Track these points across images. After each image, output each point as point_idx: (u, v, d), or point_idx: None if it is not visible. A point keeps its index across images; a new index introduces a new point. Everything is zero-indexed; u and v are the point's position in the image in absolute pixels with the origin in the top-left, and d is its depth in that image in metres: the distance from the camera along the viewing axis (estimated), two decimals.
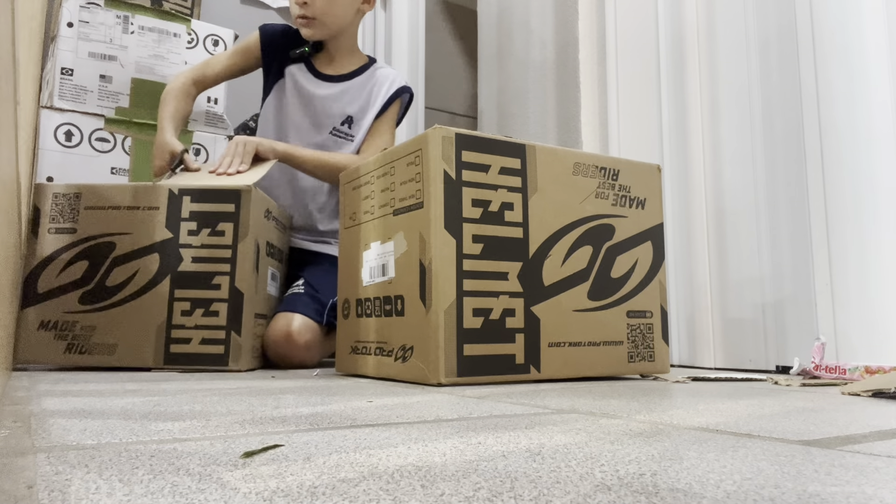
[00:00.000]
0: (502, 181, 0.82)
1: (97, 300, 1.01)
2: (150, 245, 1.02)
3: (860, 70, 1.03)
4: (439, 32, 2.50)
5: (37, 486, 0.27)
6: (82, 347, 0.99)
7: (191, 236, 1.02)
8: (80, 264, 1.01)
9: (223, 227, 1.02)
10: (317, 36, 1.29)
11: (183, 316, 1.01)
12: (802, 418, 0.49)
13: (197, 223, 1.02)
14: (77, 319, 1.00)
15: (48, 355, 0.99)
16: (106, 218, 1.03)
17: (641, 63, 1.44)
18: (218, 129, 1.47)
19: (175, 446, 0.36)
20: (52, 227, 1.02)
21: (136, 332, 1.00)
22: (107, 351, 1.00)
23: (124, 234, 1.02)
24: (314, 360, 1.12)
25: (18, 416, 0.48)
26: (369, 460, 0.32)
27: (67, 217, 1.02)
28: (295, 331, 1.07)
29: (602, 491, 0.27)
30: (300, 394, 0.65)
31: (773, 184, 1.14)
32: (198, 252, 1.02)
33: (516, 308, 0.81)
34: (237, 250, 1.02)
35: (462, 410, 0.53)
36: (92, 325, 1.00)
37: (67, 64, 1.31)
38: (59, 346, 0.99)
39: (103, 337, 1.00)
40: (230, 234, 1.02)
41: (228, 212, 1.03)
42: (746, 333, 1.18)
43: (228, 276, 1.01)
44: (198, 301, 1.01)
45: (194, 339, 1.00)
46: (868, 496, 0.26)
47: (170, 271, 1.01)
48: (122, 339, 1.00)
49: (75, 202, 1.03)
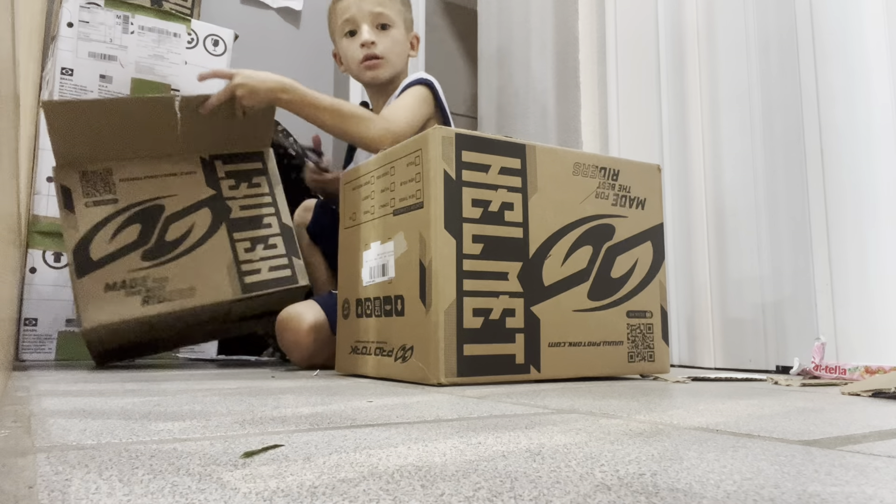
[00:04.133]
0: (502, 181, 0.82)
1: (162, 254, 1.08)
2: (198, 202, 1.13)
3: (860, 70, 1.03)
4: (439, 32, 2.50)
5: (37, 486, 0.27)
6: (160, 297, 1.06)
7: (232, 190, 1.16)
8: (133, 228, 1.08)
9: (258, 180, 1.19)
10: (383, 76, 1.26)
11: (247, 252, 1.14)
12: (802, 418, 0.49)
13: (234, 180, 1.17)
14: (146, 275, 1.06)
15: (125, 311, 1.03)
16: (145, 186, 1.11)
17: (641, 63, 1.44)
18: None
19: (175, 446, 0.36)
20: (89, 200, 1.07)
21: (210, 273, 1.10)
22: (187, 295, 1.08)
23: (170, 196, 1.12)
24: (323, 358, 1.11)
25: (18, 416, 0.48)
26: (369, 460, 0.32)
27: (102, 190, 1.08)
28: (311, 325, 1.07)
29: (602, 491, 0.27)
30: (300, 394, 0.65)
31: (773, 184, 1.14)
32: (243, 202, 1.16)
33: (516, 308, 0.81)
34: (275, 195, 1.19)
35: (462, 410, 0.53)
36: (164, 277, 1.07)
37: (67, 64, 1.31)
38: (134, 301, 1.04)
39: (178, 283, 1.08)
40: (265, 184, 1.19)
41: (258, 168, 1.19)
42: (746, 333, 1.18)
43: (275, 217, 1.18)
44: (256, 239, 1.15)
45: (263, 269, 1.14)
46: (868, 496, 0.26)
47: (223, 219, 1.14)
48: (198, 281, 1.09)
49: (107, 176, 1.09)
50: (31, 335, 1.26)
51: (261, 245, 1.14)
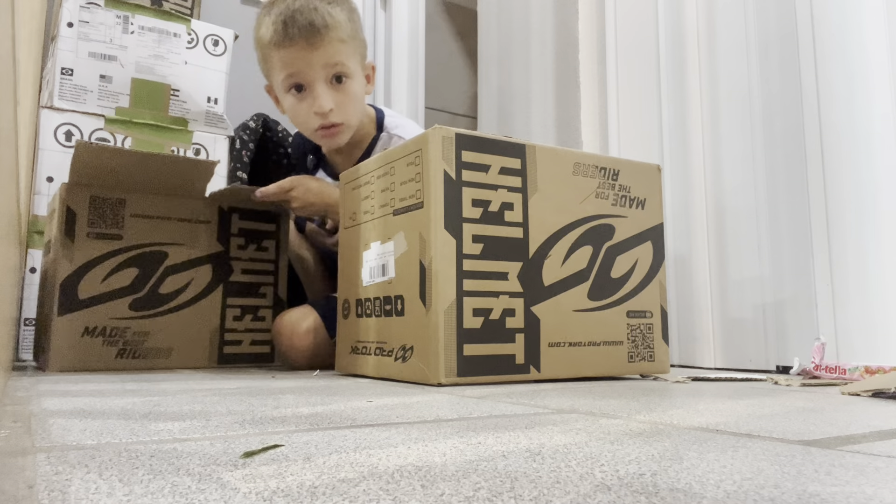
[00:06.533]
0: (502, 181, 0.82)
1: (150, 307, 1.04)
2: (204, 256, 1.09)
3: (860, 70, 1.03)
4: (439, 32, 2.50)
5: (37, 486, 0.27)
6: (135, 352, 1.02)
7: (240, 250, 1.12)
8: (129, 271, 1.02)
9: (267, 244, 1.15)
10: (342, 142, 1.12)
11: (234, 321, 1.11)
12: (802, 418, 0.49)
13: (245, 239, 1.13)
14: (128, 325, 1.01)
15: (98, 361, 0.99)
16: (155, 227, 1.05)
17: (641, 63, 1.44)
18: (218, 129, 1.47)
19: (175, 446, 0.36)
20: (92, 231, 1.00)
21: (191, 337, 1.06)
22: (162, 355, 1.03)
23: (176, 244, 1.06)
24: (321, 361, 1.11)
25: (18, 416, 0.48)
26: (369, 460, 0.32)
27: (110, 223, 1.02)
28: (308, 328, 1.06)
29: (602, 491, 0.27)
30: (300, 394, 0.65)
31: (773, 184, 1.14)
32: (246, 265, 1.13)
33: (516, 308, 0.81)
34: (279, 264, 1.16)
35: (462, 410, 0.53)
36: (145, 331, 1.03)
37: (67, 64, 1.31)
38: (109, 352, 1.00)
39: (158, 342, 1.03)
40: (273, 250, 1.16)
41: (270, 231, 1.16)
42: (746, 333, 1.18)
43: (272, 287, 1.15)
44: (247, 308, 1.12)
45: (244, 341, 1.11)
46: (868, 496, 0.26)
47: (222, 281, 1.10)
48: (177, 343, 1.04)
49: (119, 208, 1.03)
50: (31, 335, 1.25)
51: (250, 315, 1.11)
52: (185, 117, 1.43)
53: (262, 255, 1.14)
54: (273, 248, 1.16)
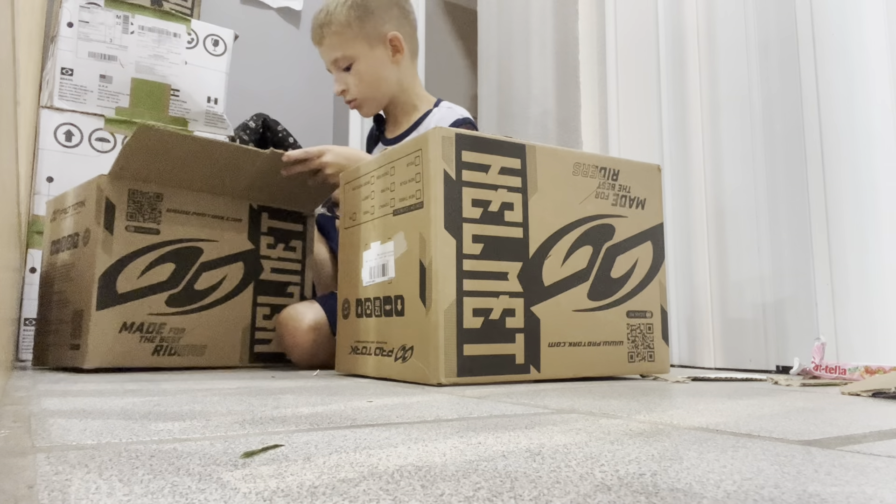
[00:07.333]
0: (502, 181, 0.82)
1: (186, 303, 1.03)
2: (237, 253, 1.10)
3: (860, 70, 1.03)
4: (439, 32, 2.50)
5: (37, 486, 0.27)
6: (171, 349, 1.01)
7: (269, 249, 1.14)
8: (167, 266, 1.02)
9: (294, 243, 1.17)
10: (369, 113, 1.27)
11: (264, 319, 1.11)
12: (802, 418, 0.49)
13: (274, 238, 1.15)
14: (165, 321, 1.01)
15: (135, 359, 0.98)
16: (191, 223, 1.05)
17: (641, 63, 1.44)
18: (218, 129, 1.47)
19: (175, 446, 0.36)
20: (131, 224, 0.99)
21: (225, 334, 1.06)
22: (197, 352, 1.03)
23: (211, 241, 1.07)
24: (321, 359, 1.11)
25: (18, 416, 0.48)
26: (369, 460, 0.32)
27: (148, 216, 1.01)
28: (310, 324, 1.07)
29: (602, 491, 0.27)
30: (300, 394, 0.65)
31: (773, 184, 1.14)
32: (275, 264, 1.14)
33: (516, 308, 0.81)
34: (305, 264, 1.18)
35: (462, 410, 0.53)
36: (181, 328, 1.02)
37: (67, 64, 1.31)
38: (145, 349, 0.99)
39: (193, 339, 1.03)
40: (300, 250, 1.18)
41: (298, 231, 1.18)
42: (746, 333, 1.18)
43: (299, 287, 1.17)
44: (276, 306, 1.13)
45: (274, 340, 1.11)
46: (868, 496, 0.26)
47: (253, 279, 1.11)
48: (211, 340, 1.05)
49: (156, 202, 1.02)
50: (31, 335, 1.25)
51: (278, 314, 1.12)
52: (185, 117, 1.43)
53: (290, 255, 1.16)
54: (300, 248, 1.18)
